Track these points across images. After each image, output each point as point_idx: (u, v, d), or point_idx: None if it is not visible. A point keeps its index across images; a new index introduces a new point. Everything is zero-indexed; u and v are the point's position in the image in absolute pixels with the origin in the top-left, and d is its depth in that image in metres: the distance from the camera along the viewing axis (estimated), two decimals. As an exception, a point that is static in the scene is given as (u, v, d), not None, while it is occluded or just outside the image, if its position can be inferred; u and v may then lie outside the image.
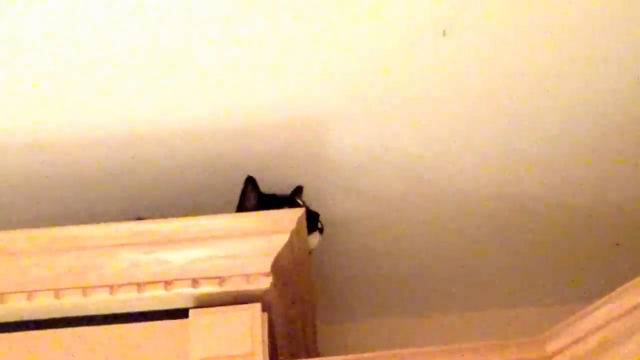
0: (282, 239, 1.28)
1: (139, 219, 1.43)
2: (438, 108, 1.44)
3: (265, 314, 1.28)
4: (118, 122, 1.41)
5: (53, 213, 1.51)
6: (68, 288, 1.29)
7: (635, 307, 1.14)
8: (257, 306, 1.27)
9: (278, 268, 1.29)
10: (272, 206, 1.38)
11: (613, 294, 1.18)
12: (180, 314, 1.28)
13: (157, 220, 1.34)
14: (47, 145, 1.43)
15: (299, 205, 1.42)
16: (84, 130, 1.42)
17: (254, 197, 1.42)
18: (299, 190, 1.47)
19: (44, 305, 1.29)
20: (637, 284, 1.16)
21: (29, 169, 1.47)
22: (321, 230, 1.47)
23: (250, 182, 1.42)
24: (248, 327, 1.25)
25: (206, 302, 1.28)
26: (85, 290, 1.28)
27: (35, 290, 1.29)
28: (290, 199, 1.44)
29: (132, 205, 1.51)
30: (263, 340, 1.25)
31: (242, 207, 1.42)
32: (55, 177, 1.48)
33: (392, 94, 1.41)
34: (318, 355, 1.59)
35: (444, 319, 1.83)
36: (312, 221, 1.45)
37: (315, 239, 1.45)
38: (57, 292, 1.28)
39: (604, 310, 1.18)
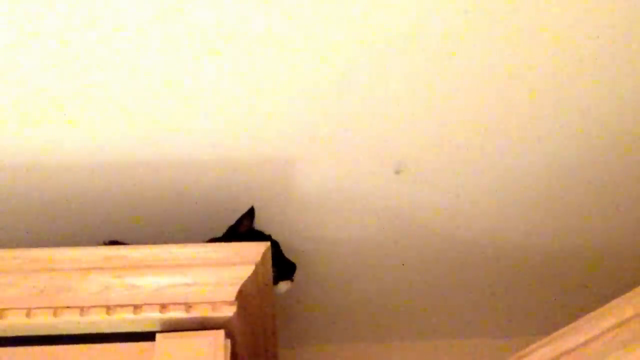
0: (247, 270, 1.32)
1: (112, 242, 1.49)
2: (407, 147, 1.48)
3: (228, 340, 1.31)
4: (94, 149, 1.44)
5: (28, 234, 1.55)
6: (39, 308, 1.31)
7: (572, 349, 1.21)
8: (221, 332, 1.31)
9: (242, 297, 1.33)
10: (256, 240, 1.45)
11: (554, 335, 1.25)
12: (148, 337, 1.32)
13: (129, 247, 1.38)
14: (23, 167, 1.46)
15: (277, 247, 1.51)
16: (60, 155, 1.44)
17: (247, 227, 1.50)
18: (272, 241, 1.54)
19: (15, 324, 1.31)
20: (575, 327, 1.23)
21: (4, 190, 1.49)
22: (292, 280, 1.54)
23: (250, 212, 1.51)
24: (212, 352, 1.29)
25: (173, 327, 1.32)
26: (56, 310, 1.31)
27: (7, 309, 1.31)
28: (271, 239, 1.51)
29: (105, 229, 1.54)
30: (225, 365, 1.29)
31: (233, 230, 1.50)
32: (31, 199, 1.51)
33: (360, 133, 1.45)
34: (279, 380, 1.63)
35: (401, 347, 1.89)
36: (289, 271, 1.54)
37: (285, 286, 1.53)
38: (28, 312, 1.31)
39: (545, 350, 1.24)
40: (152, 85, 1.34)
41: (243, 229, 1.51)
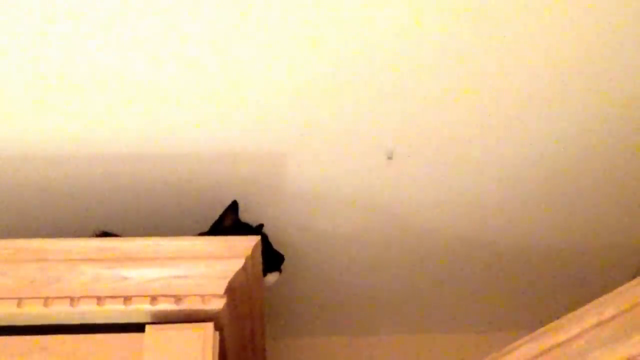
0: (237, 264, 1.33)
1: (104, 234, 1.50)
2: (399, 143, 1.49)
3: (217, 333, 1.33)
4: (85, 141, 1.45)
5: (19, 225, 1.56)
6: (30, 298, 1.32)
7: (555, 346, 1.23)
8: (210, 325, 1.32)
9: (232, 290, 1.35)
10: (243, 233, 1.46)
11: (537, 331, 1.26)
12: (137, 328, 1.33)
13: (120, 238, 1.40)
14: (14, 157, 1.46)
15: (266, 238, 1.52)
16: (52, 146, 1.45)
17: (231, 220, 1.51)
18: (260, 227, 1.56)
19: (5, 313, 1.32)
20: (558, 325, 1.25)
21: (-4, 180, 1.50)
22: (280, 271, 1.55)
23: (233, 206, 1.51)
24: (201, 344, 1.30)
25: (162, 319, 1.33)
26: (46, 300, 1.32)
27: (-2, 298, 1.32)
28: (258, 231, 1.53)
29: (96, 221, 1.55)
30: (214, 358, 1.30)
31: (218, 225, 1.51)
32: (22, 190, 1.52)
33: (352, 128, 1.45)
34: (267, 372, 1.65)
35: (388, 340, 1.91)
36: (276, 262, 1.55)
37: (273, 278, 1.54)
38: (19, 301, 1.32)
39: (529, 346, 1.26)
40: (145, 80, 1.35)
41: (227, 223, 1.51)
